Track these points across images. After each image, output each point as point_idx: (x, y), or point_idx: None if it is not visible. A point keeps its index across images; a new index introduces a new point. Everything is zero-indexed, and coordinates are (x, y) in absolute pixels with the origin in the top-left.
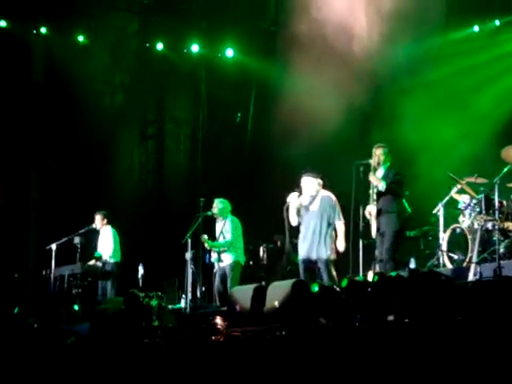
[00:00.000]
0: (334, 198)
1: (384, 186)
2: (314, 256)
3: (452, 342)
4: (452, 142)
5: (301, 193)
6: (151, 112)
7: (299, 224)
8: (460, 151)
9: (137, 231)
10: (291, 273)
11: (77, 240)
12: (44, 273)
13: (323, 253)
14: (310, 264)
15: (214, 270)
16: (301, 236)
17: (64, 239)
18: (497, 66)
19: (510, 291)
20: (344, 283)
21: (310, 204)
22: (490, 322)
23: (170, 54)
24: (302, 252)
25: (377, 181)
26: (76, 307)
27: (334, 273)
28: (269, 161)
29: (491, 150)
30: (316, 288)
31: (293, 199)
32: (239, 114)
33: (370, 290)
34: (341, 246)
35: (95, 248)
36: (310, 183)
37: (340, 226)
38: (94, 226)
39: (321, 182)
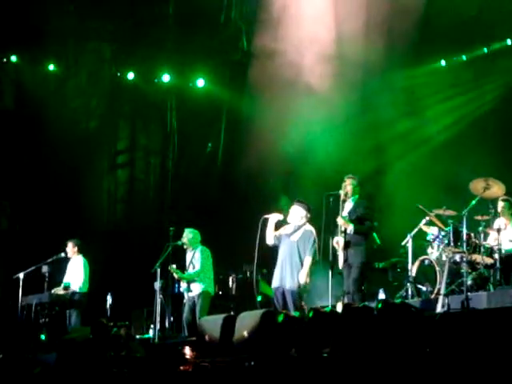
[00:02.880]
0: (314, 234)
1: (352, 230)
2: (284, 285)
3: (421, 374)
4: (421, 173)
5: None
6: (121, 141)
7: (274, 246)
8: (429, 183)
9: (106, 260)
10: (261, 303)
11: (45, 269)
12: (11, 302)
13: (292, 283)
14: (282, 292)
15: (184, 300)
16: (277, 264)
17: (32, 268)
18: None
19: (477, 323)
20: (310, 314)
21: (291, 233)
22: (458, 354)
23: (141, 83)
24: (275, 280)
25: (345, 224)
26: (43, 337)
27: (303, 303)
28: (239, 191)
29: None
30: (281, 318)
31: (273, 218)
32: (210, 144)
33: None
34: (302, 278)
35: (63, 277)
36: (298, 213)
37: (307, 260)
38: (62, 254)
39: (308, 215)
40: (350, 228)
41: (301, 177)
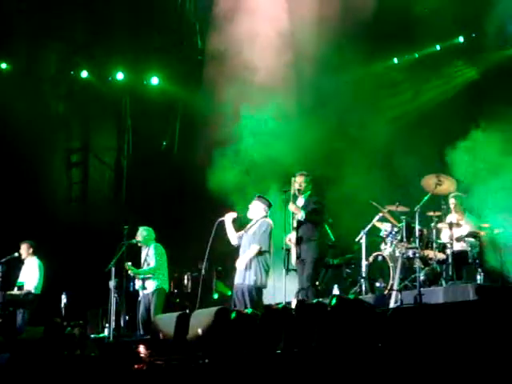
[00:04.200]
0: (269, 225)
1: (303, 216)
2: (241, 281)
3: (373, 369)
4: (374, 169)
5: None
6: (76, 140)
7: (237, 245)
8: (382, 180)
9: (60, 260)
10: (217, 301)
11: None
12: None
13: (248, 279)
14: (240, 287)
15: (139, 298)
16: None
17: None
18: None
19: (430, 318)
20: (261, 311)
21: (248, 229)
22: (410, 349)
23: (95, 81)
24: (236, 277)
25: (296, 210)
26: None
27: (258, 300)
28: (194, 189)
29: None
30: (233, 315)
31: (228, 218)
32: (164, 143)
33: (293, 314)
34: (240, 265)
35: (17, 277)
36: (256, 208)
37: (252, 248)
38: (16, 254)
39: (267, 209)
40: (301, 214)
41: (257, 173)
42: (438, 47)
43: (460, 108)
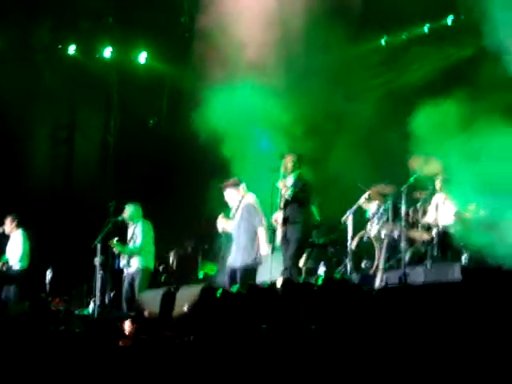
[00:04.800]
0: (254, 203)
1: (290, 194)
2: (235, 264)
3: (358, 347)
4: (361, 149)
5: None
6: (63, 116)
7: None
8: (368, 159)
9: (46, 236)
10: (202, 280)
11: None
12: None
13: (239, 260)
14: (235, 271)
15: (123, 275)
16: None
17: None
18: None
19: (415, 297)
20: (245, 289)
21: (234, 215)
22: (395, 327)
23: (82, 57)
24: (229, 259)
25: (284, 187)
26: None
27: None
28: (181, 166)
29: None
30: (219, 293)
31: (220, 223)
32: (151, 121)
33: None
34: (264, 250)
35: (2, 252)
36: (231, 194)
37: (261, 231)
38: (1, 229)
39: (241, 188)
40: (289, 193)
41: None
42: (425, 29)
43: (445, 88)
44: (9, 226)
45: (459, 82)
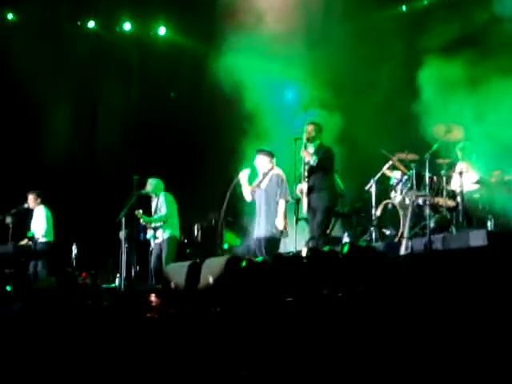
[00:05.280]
0: (282, 176)
1: (315, 160)
2: (260, 234)
3: (386, 314)
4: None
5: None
6: (85, 91)
7: (253, 199)
8: (391, 127)
9: (70, 211)
10: (226, 251)
11: (8, 219)
12: None
13: (265, 230)
14: (260, 241)
15: (150, 248)
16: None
17: None
18: None
19: (440, 264)
20: (270, 259)
21: (260, 182)
22: (420, 294)
23: (102, 32)
24: (254, 230)
25: (308, 155)
26: (8, 288)
27: (273, 249)
28: (203, 138)
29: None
30: (244, 264)
31: (243, 175)
32: (172, 94)
33: (305, 262)
34: (279, 223)
35: (28, 228)
36: (262, 161)
37: (281, 204)
38: (26, 205)
39: (272, 160)
40: (314, 158)
41: (264, 120)
42: None
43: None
44: (32, 201)
45: (472, 45)
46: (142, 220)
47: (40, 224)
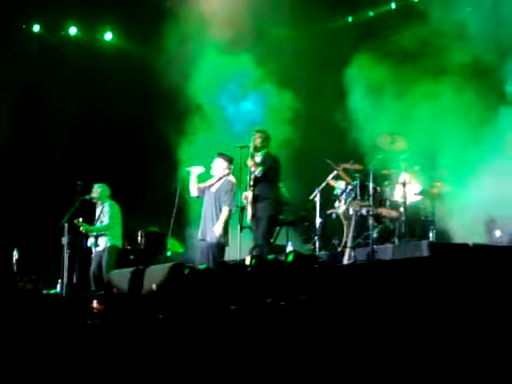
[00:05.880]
0: (234, 185)
1: (261, 171)
2: (205, 237)
3: (328, 321)
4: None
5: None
6: (28, 92)
7: (197, 198)
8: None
9: (12, 214)
10: (170, 258)
11: None
12: None
13: (209, 236)
14: (204, 244)
15: (92, 255)
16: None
17: None
18: None
19: (383, 274)
20: (216, 266)
21: (212, 185)
22: (363, 303)
23: (48, 35)
24: (199, 233)
25: (254, 165)
26: None
27: (220, 256)
28: (151, 147)
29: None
30: (187, 271)
31: (195, 170)
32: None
33: (249, 270)
34: (217, 229)
35: None
36: (220, 165)
37: (224, 211)
38: None
39: (229, 166)
40: (259, 170)
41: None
42: (393, 5)
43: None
44: None
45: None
46: (82, 228)
47: None
